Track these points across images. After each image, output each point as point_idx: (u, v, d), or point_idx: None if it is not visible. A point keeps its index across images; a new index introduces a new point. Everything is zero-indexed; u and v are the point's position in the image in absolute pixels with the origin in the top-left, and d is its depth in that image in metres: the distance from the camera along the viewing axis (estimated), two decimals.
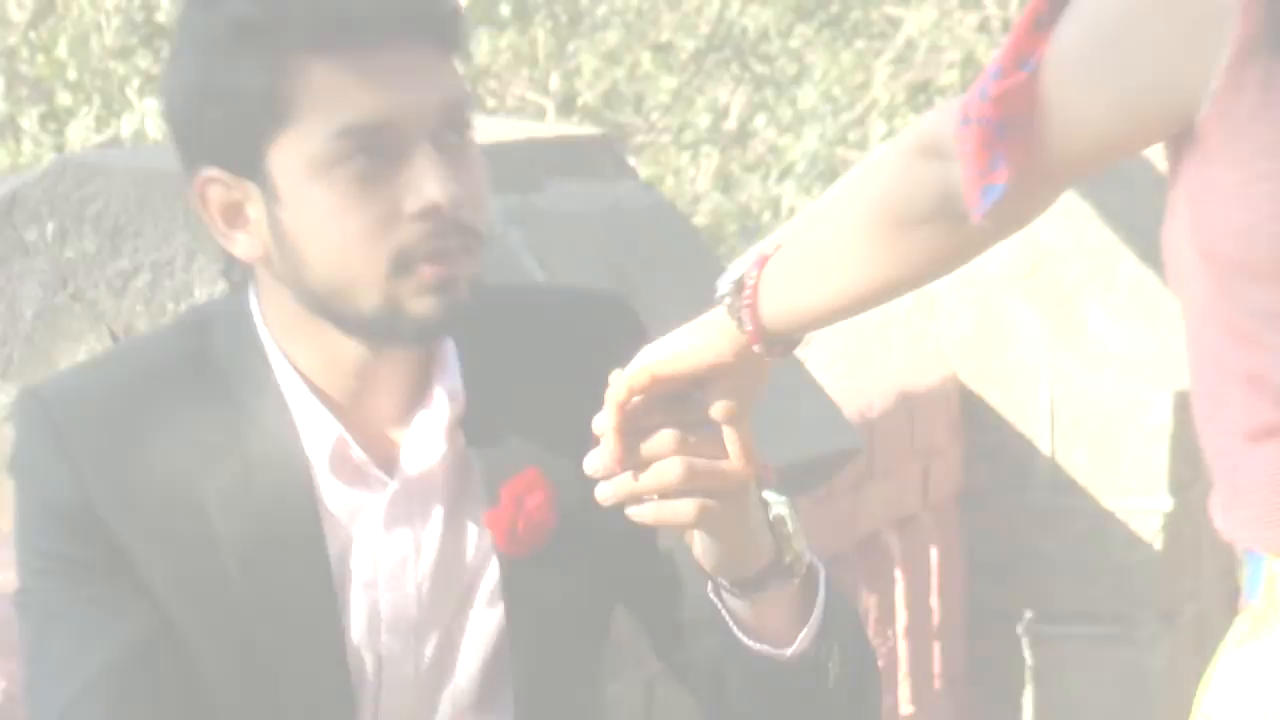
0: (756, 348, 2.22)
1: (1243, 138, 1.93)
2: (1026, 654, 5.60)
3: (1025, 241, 5.43)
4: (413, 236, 2.28)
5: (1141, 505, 5.55)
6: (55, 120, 11.22)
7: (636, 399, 2.23)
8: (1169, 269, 2.06)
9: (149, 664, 2.37)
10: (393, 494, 2.40)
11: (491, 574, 2.43)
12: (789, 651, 2.36)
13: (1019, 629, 5.61)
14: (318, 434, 2.37)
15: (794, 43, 11.99)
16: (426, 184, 2.27)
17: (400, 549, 2.41)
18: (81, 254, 3.23)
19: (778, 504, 2.38)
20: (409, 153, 2.28)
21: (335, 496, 2.39)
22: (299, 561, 2.38)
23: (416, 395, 2.40)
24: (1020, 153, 2.00)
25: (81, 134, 10.99)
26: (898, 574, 5.32)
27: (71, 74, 11.13)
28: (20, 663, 2.58)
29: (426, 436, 2.39)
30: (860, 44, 11.62)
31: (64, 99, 11.25)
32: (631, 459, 2.22)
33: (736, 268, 2.22)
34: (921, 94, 11.19)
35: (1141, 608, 5.57)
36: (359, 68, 2.27)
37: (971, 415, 5.63)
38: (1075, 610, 5.59)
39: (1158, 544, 5.54)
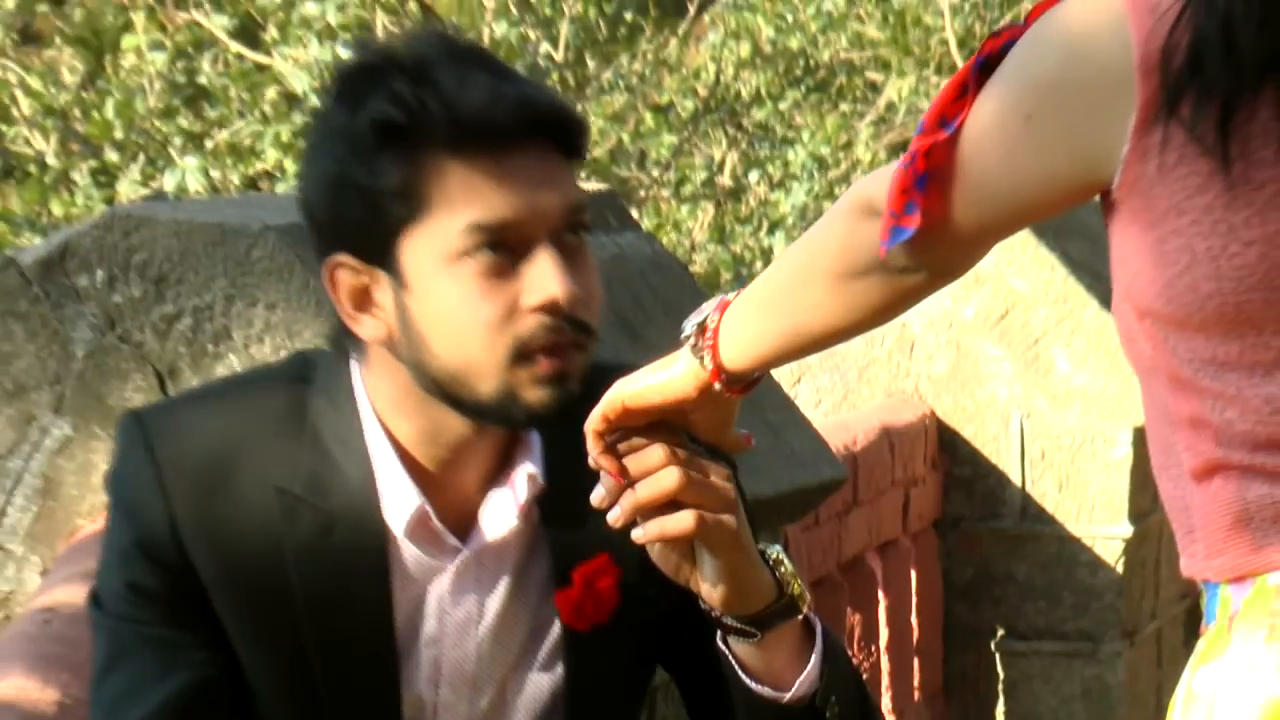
0: (716, 385, 2.23)
1: (1152, 199, 1.94)
2: (999, 669, 5.60)
3: (997, 289, 5.44)
4: (532, 329, 2.27)
5: (1104, 532, 5.54)
6: (105, 175, 11.21)
7: (616, 430, 2.25)
8: (1119, 330, 2.06)
9: (211, 702, 2.36)
10: (464, 560, 2.40)
11: (549, 640, 2.44)
12: (788, 695, 2.36)
13: (992, 645, 5.61)
14: (399, 501, 2.36)
15: (784, 106, 12.00)
16: (547, 281, 2.27)
17: (466, 611, 2.41)
18: (128, 299, 3.23)
19: (773, 549, 2.40)
20: (532, 250, 2.28)
21: (411, 558, 2.39)
22: (365, 617, 2.37)
23: (499, 471, 2.40)
24: (935, 205, 2.02)
25: (129, 188, 10.99)
26: (880, 594, 5.31)
27: (119, 133, 11.12)
28: (89, 678, 2.59)
29: (503, 512, 2.39)
30: (845, 107, 11.63)
31: (112, 156, 11.24)
32: (628, 477, 2.24)
33: (700, 312, 2.24)
34: (901, 153, 11.20)
35: (1105, 626, 5.56)
36: (491, 169, 2.27)
37: (948, 449, 5.62)
38: (1043, 628, 5.58)
39: (1119, 568, 5.54)
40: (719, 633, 2.38)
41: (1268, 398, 1.95)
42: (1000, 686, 5.61)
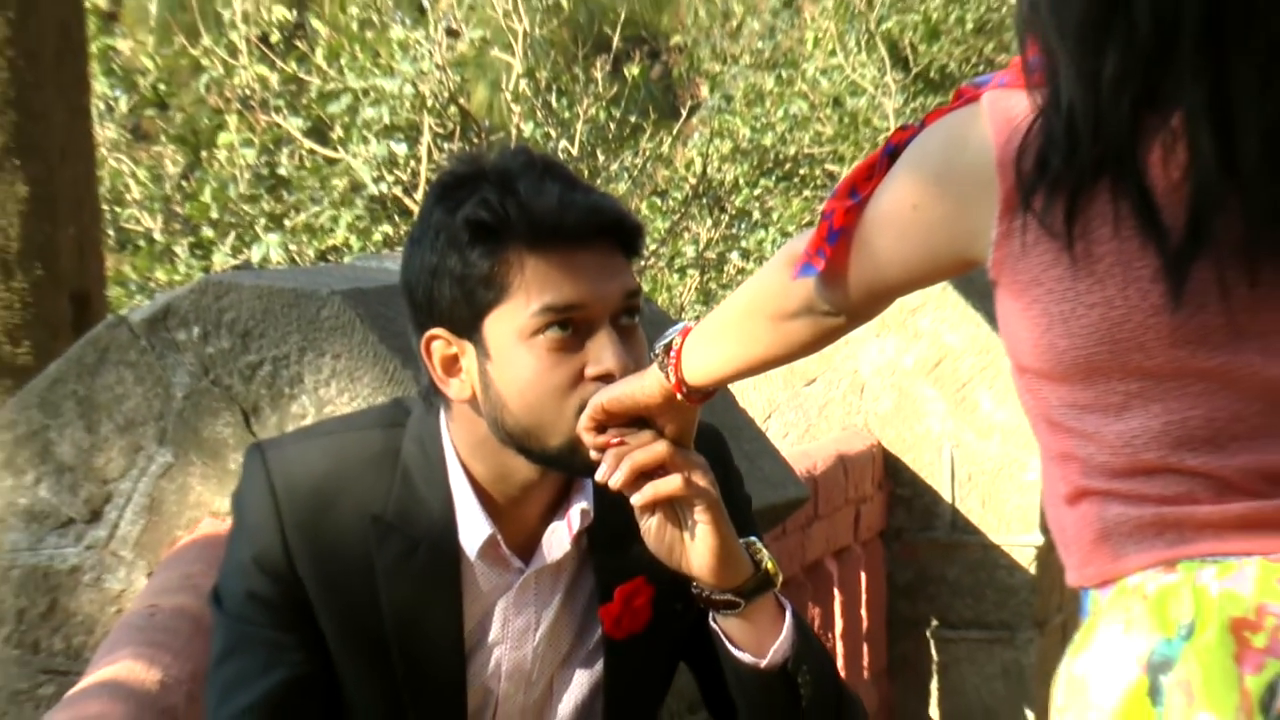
0: (679, 395, 2.27)
1: (1018, 273, 1.95)
2: (933, 653, 5.58)
3: (932, 342, 5.44)
4: (592, 394, 2.29)
5: (1020, 541, 5.53)
6: (201, 249, 11.21)
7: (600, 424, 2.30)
8: (1016, 386, 2.08)
9: (304, 695, 2.37)
10: (526, 578, 2.41)
11: (591, 645, 2.46)
12: (765, 661, 2.37)
13: (927, 634, 5.59)
14: (473, 529, 2.37)
15: (758, 192, 11.99)
16: (605, 355, 2.29)
17: (525, 619, 2.43)
18: (219, 350, 3.22)
19: (750, 538, 2.42)
20: (594, 329, 2.30)
21: (481, 576, 2.40)
22: (440, 624, 2.39)
23: (557, 505, 2.42)
24: (840, 258, 2.07)
25: (221, 259, 10.98)
26: (836, 592, 5.29)
27: (213, 214, 11.12)
28: (187, 660, 2.59)
29: (559, 539, 2.40)
30: (807, 193, 11.61)
31: (208, 233, 11.24)
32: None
33: (666, 335, 2.27)
34: None
35: (1020, 618, 5.55)
36: (561, 262, 2.29)
37: (891, 473, 5.61)
38: (970, 620, 5.56)
39: (1032, 570, 5.52)
40: (709, 613, 2.39)
41: (1119, 434, 1.96)
42: (934, 667, 5.59)
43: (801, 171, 11.77)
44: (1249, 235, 1.91)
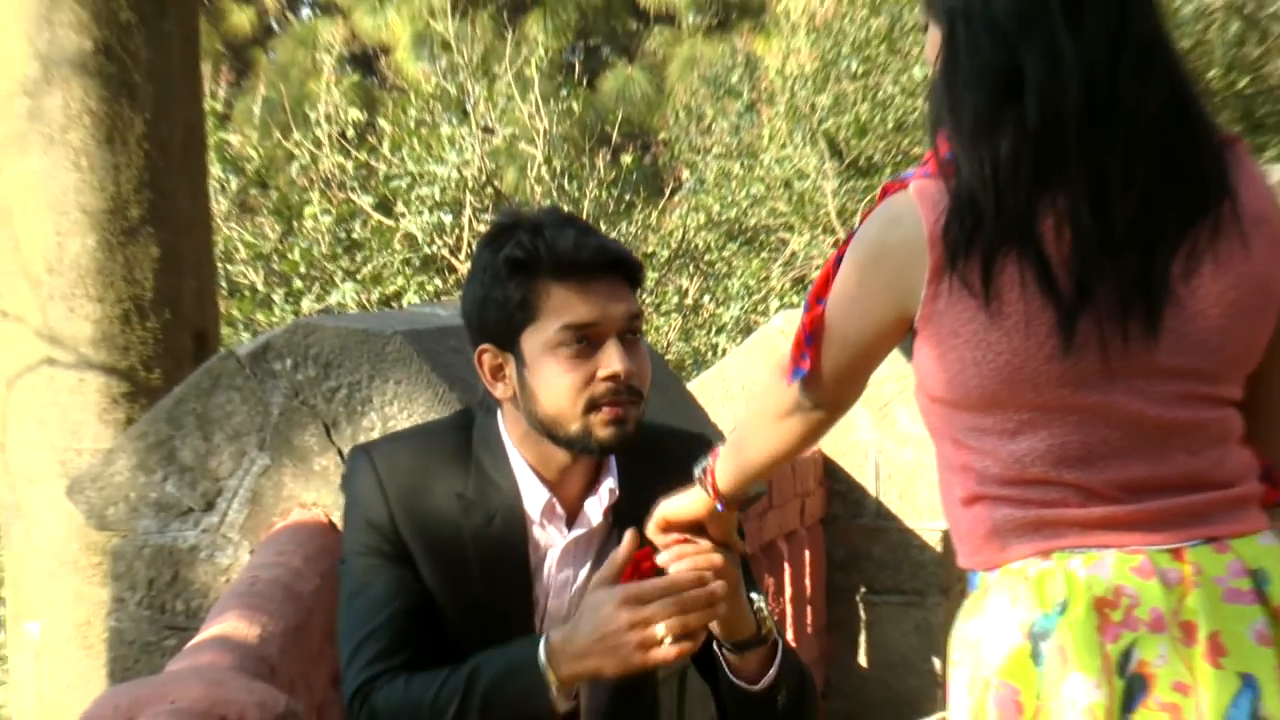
0: (718, 505, 2.29)
1: (940, 325, 1.95)
2: (862, 614, 5.57)
3: None
4: (602, 391, 2.34)
5: (929, 526, 5.53)
6: (292, 297, 11.19)
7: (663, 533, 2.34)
8: (920, 408, 2.09)
9: (416, 620, 2.40)
10: (567, 543, 2.44)
11: None
12: (758, 687, 2.42)
13: (857, 599, 5.58)
14: (535, 496, 2.41)
15: (726, 254, 11.98)
16: (613, 361, 2.34)
17: (565, 575, 2.46)
18: (306, 377, 3.21)
19: (758, 598, 2.44)
20: (604, 341, 2.35)
21: (540, 535, 2.43)
22: (513, 574, 2.42)
23: (590, 485, 2.46)
24: (816, 354, 2.06)
25: (308, 305, 10.98)
26: (786, 565, 5.28)
27: (302, 269, 11.12)
28: (281, 619, 2.59)
29: (593, 510, 2.45)
30: (764, 255, 11.61)
31: (298, 284, 11.23)
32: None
33: (703, 461, 2.30)
34: (800, 286, 11.17)
35: (929, 586, 5.54)
36: (579, 290, 2.34)
37: (829, 473, 5.61)
38: (891, 587, 5.55)
39: (939, 548, 5.51)
40: (716, 646, 2.43)
41: (1011, 453, 1.96)
42: (862, 625, 5.58)
43: (760, 238, 11.75)
44: (1122, 298, 1.92)
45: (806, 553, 5.46)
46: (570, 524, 2.45)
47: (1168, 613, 1.91)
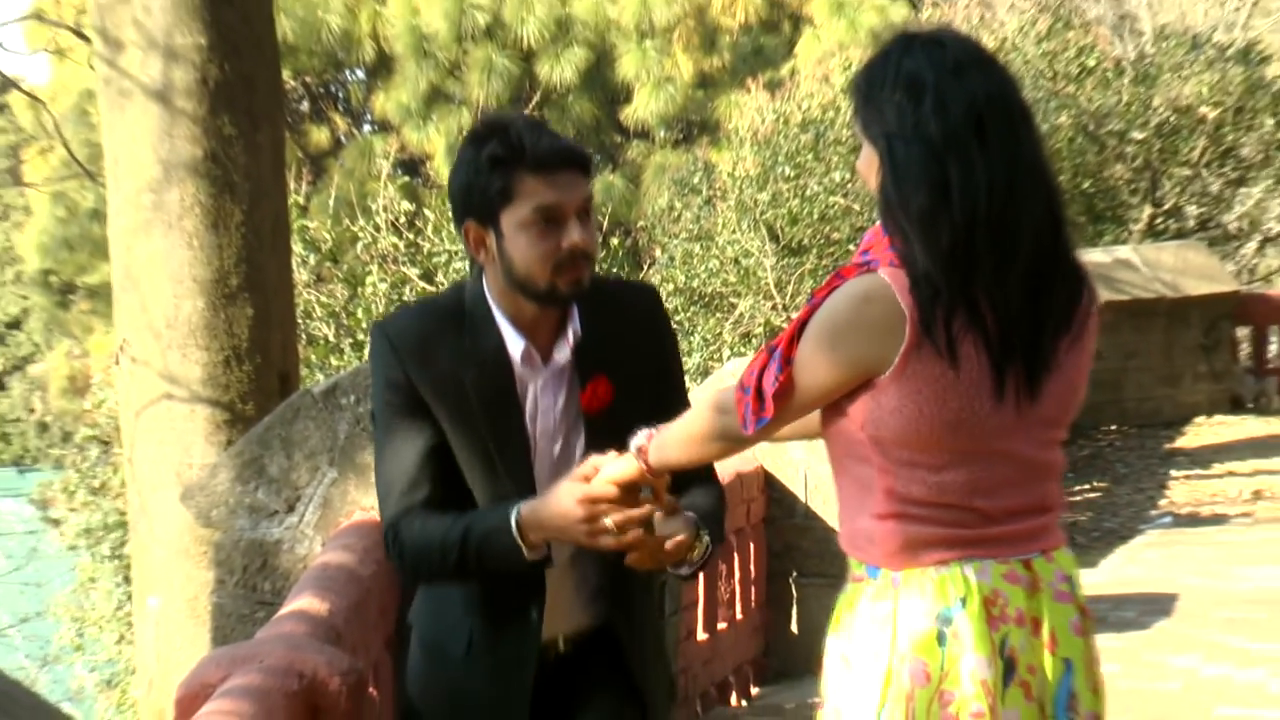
0: (650, 475, 2.22)
1: (908, 382, 1.90)
2: (794, 593, 5.55)
3: None
4: (565, 257, 2.29)
5: None
6: (357, 346, 11.17)
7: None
8: (840, 440, 2.02)
9: (438, 455, 2.34)
10: (545, 376, 2.38)
11: (579, 417, 2.39)
12: (686, 571, 2.38)
13: (790, 581, 5.56)
14: (516, 346, 2.35)
15: (689, 314, 11.99)
16: (573, 234, 2.29)
17: (547, 401, 2.38)
18: (366, 410, 3.21)
19: (704, 535, 2.36)
20: (565, 219, 2.30)
21: (522, 376, 2.36)
22: (506, 405, 2.35)
23: (557, 330, 2.38)
24: (781, 406, 1.98)
25: (368, 355, 10.95)
26: (735, 555, 5.28)
27: (364, 325, 11.10)
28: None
29: (561, 351, 2.38)
30: (719, 315, 11.61)
31: (361, 336, 11.21)
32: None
33: (640, 436, 2.22)
34: (748, 340, 11.18)
35: (845, 571, 5.51)
36: (547, 180, 2.29)
37: (769, 483, 5.60)
38: (816, 573, 5.52)
39: None
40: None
41: (936, 483, 1.94)
42: (794, 602, 5.54)
43: (715, 303, 11.77)
44: (1028, 366, 1.94)
45: (751, 545, 5.45)
46: (546, 363, 2.38)
47: (1025, 610, 1.95)
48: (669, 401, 2.35)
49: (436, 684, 2.40)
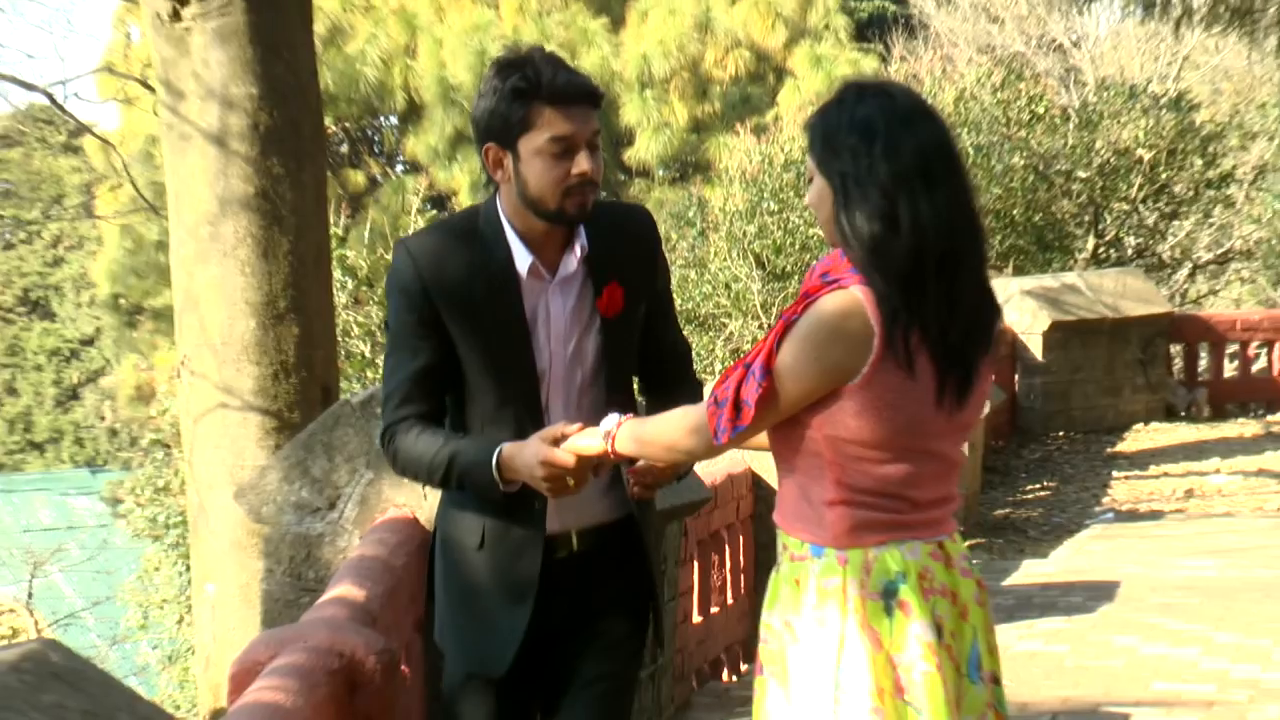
0: (613, 457, 2.20)
1: (873, 389, 1.93)
2: None
3: None
4: (575, 184, 2.27)
5: None
6: None
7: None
8: (794, 437, 2.00)
9: (436, 375, 2.33)
10: (553, 285, 2.35)
11: (595, 323, 2.37)
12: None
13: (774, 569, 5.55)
14: (523, 259, 2.33)
15: (685, 333, 11.98)
16: (583, 163, 2.27)
17: (557, 308, 2.36)
18: None
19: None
20: (576, 149, 2.27)
21: (529, 287, 2.34)
22: (511, 314, 2.32)
23: (566, 244, 2.35)
24: (760, 414, 1.96)
25: None
26: (726, 547, 5.27)
27: None
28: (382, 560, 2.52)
29: (570, 261, 2.35)
30: (711, 334, 11.62)
31: None
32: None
33: (609, 420, 2.20)
34: (737, 356, 11.18)
35: None
36: (563, 112, 2.27)
37: (756, 482, 5.59)
38: None
39: None
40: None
41: (880, 475, 1.97)
42: None
43: (708, 323, 11.77)
44: (958, 379, 1.97)
45: (741, 538, 5.45)
46: (554, 272, 2.35)
47: (946, 583, 2.00)
48: (663, 311, 2.42)
49: (456, 576, 2.40)
